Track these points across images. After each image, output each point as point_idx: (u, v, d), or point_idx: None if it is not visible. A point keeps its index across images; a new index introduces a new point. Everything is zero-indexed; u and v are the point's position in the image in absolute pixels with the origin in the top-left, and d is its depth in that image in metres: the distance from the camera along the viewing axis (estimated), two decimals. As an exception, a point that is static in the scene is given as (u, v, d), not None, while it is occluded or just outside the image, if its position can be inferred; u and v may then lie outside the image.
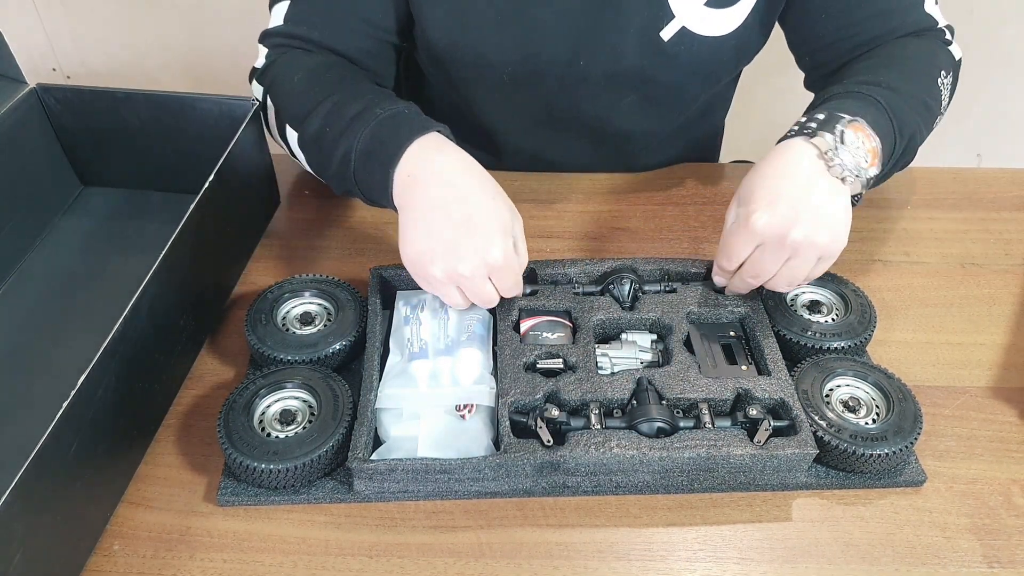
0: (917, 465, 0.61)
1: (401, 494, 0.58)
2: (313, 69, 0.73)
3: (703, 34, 0.77)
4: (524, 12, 0.76)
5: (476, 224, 0.61)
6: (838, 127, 0.63)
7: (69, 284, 0.76)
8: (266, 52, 0.77)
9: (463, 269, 0.60)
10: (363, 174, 0.66)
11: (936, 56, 0.75)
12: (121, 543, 0.56)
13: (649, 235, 0.82)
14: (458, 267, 0.60)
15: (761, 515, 0.59)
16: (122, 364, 0.55)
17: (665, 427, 0.58)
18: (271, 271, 0.77)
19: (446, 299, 0.64)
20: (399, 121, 0.65)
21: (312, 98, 0.69)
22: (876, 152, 0.64)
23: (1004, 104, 1.65)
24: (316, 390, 0.61)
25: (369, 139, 0.65)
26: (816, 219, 0.60)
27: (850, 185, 0.63)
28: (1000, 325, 0.74)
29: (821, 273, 0.64)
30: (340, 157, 0.66)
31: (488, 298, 0.63)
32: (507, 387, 0.61)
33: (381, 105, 0.66)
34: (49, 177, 0.83)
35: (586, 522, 0.58)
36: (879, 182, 0.69)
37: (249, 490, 0.58)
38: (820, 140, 0.63)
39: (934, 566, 0.56)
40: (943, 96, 0.74)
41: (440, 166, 0.63)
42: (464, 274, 0.61)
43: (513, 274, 0.63)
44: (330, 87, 0.70)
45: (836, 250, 0.62)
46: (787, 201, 0.61)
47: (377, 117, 0.65)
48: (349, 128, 0.66)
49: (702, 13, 0.75)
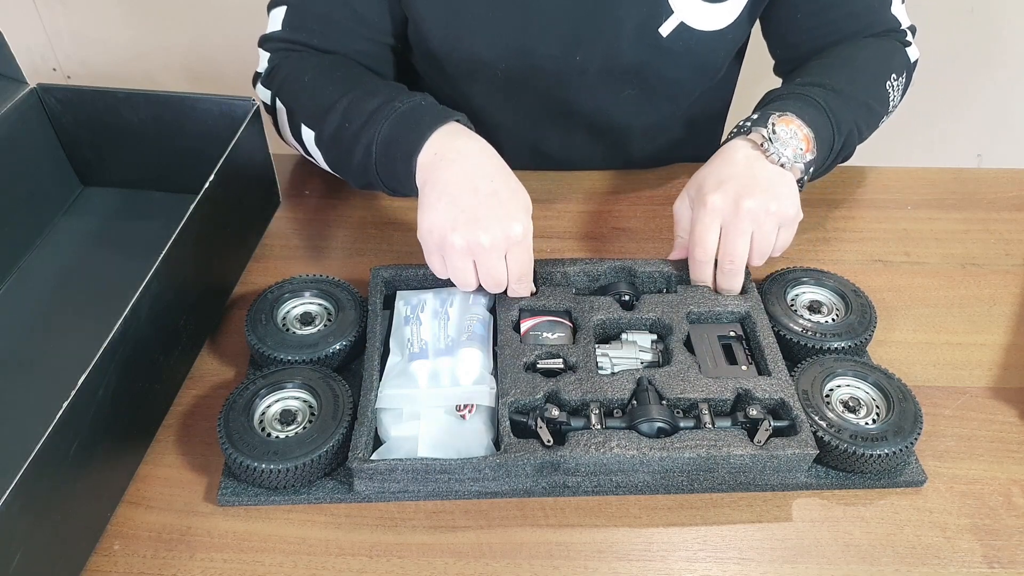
0: (917, 465, 0.61)
1: (401, 494, 0.58)
2: (323, 69, 0.75)
3: (701, 29, 0.78)
4: (518, 9, 0.76)
5: (502, 199, 0.63)
6: (769, 121, 0.69)
7: (69, 284, 0.76)
8: (268, 56, 0.79)
9: (484, 240, 0.61)
10: (385, 164, 0.68)
11: (891, 58, 0.81)
12: (121, 543, 0.56)
13: (649, 235, 0.82)
14: (480, 237, 0.61)
15: (761, 515, 0.59)
16: (122, 364, 0.55)
17: (665, 427, 0.58)
18: (271, 271, 0.77)
19: (457, 275, 0.64)
20: (420, 112, 0.68)
21: (328, 96, 0.71)
22: (809, 139, 0.70)
23: (1004, 104, 1.65)
24: (316, 390, 0.61)
25: (390, 131, 0.67)
26: (764, 190, 0.66)
27: (790, 169, 0.69)
28: (1000, 325, 0.74)
29: (788, 242, 0.69)
30: (362, 151, 0.69)
31: (499, 278, 0.64)
32: (507, 387, 0.61)
33: (399, 99, 0.69)
34: (49, 177, 0.83)
35: (586, 522, 0.58)
36: (820, 173, 0.76)
37: (249, 490, 0.58)
38: (754, 135, 0.70)
39: (934, 566, 0.56)
40: (891, 98, 0.80)
41: (464, 147, 0.66)
42: (484, 245, 0.61)
43: (527, 255, 0.65)
44: (345, 85, 0.72)
45: (790, 216, 0.67)
46: (734, 180, 0.67)
47: (397, 110, 0.68)
48: (369, 121, 0.68)
49: (700, 8, 0.76)
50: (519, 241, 0.63)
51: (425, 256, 0.65)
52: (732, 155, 0.69)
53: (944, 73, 1.63)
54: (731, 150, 0.70)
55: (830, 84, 0.75)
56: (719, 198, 0.66)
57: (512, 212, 0.63)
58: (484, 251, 0.62)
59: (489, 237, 0.61)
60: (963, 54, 1.61)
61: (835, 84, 0.75)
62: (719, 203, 0.66)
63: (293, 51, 0.78)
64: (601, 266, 0.71)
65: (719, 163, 0.70)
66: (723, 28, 0.78)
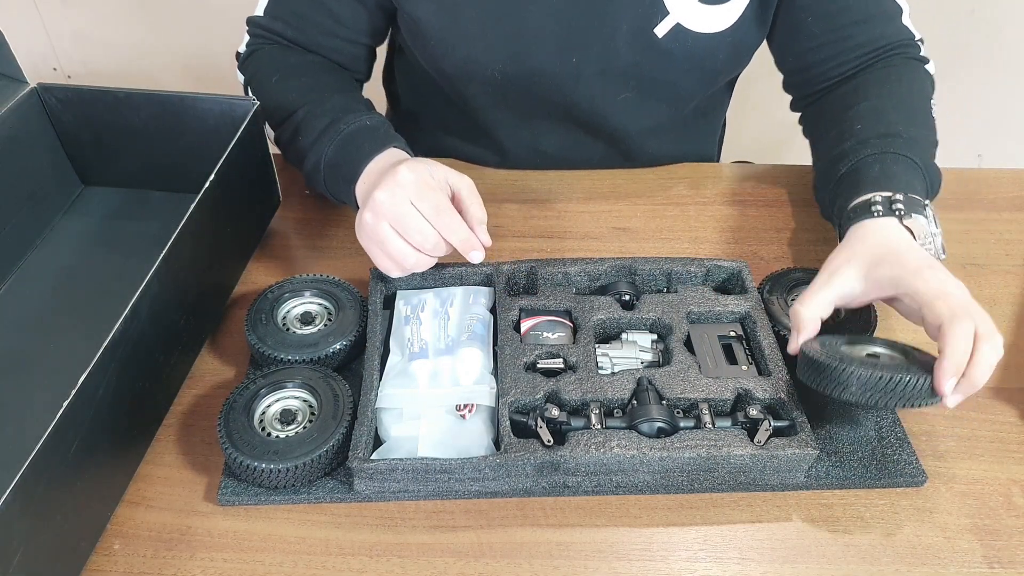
0: (918, 465, 0.61)
1: (401, 494, 0.58)
2: (288, 72, 0.79)
3: (698, 30, 0.77)
4: (512, 12, 0.76)
5: (396, 169, 0.64)
6: (928, 211, 0.66)
7: (69, 284, 0.76)
8: (247, 40, 0.83)
9: (380, 196, 0.63)
10: (332, 184, 0.73)
11: (924, 84, 0.79)
12: (121, 543, 0.56)
13: (649, 235, 0.82)
14: (376, 194, 0.63)
15: (761, 515, 0.59)
16: (122, 364, 0.55)
17: (665, 427, 0.58)
18: (271, 271, 0.77)
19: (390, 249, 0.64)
20: (361, 138, 0.71)
21: (288, 104, 0.76)
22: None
23: (1005, 104, 1.65)
24: (316, 390, 0.61)
25: (334, 154, 0.72)
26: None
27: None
28: (1001, 326, 0.73)
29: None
30: (312, 167, 0.73)
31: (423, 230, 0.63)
32: (507, 387, 0.61)
33: (345, 119, 0.72)
34: (49, 177, 0.83)
35: (586, 522, 0.58)
36: None
37: (249, 490, 0.58)
38: (913, 223, 0.65)
39: (934, 566, 0.56)
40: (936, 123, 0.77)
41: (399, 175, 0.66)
42: (382, 201, 0.63)
43: (435, 196, 0.64)
44: (303, 94, 0.76)
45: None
46: (948, 274, 0.60)
47: (341, 132, 0.72)
48: (318, 141, 0.72)
49: (696, 9, 0.76)
50: (412, 182, 0.63)
51: (371, 259, 0.67)
52: (915, 246, 0.63)
53: (944, 73, 1.63)
54: (908, 240, 0.64)
55: (905, 132, 0.71)
56: (962, 295, 0.58)
57: (400, 168, 0.64)
58: (385, 208, 0.63)
59: (384, 193, 0.63)
60: (963, 54, 1.61)
61: (905, 129, 0.72)
62: (968, 302, 0.58)
63: (269, 41, 0.82)
64: (601, 266, 0.71)
65: (912, 252, 0.62)
66: (722, 31, 0.78)
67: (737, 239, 0.82)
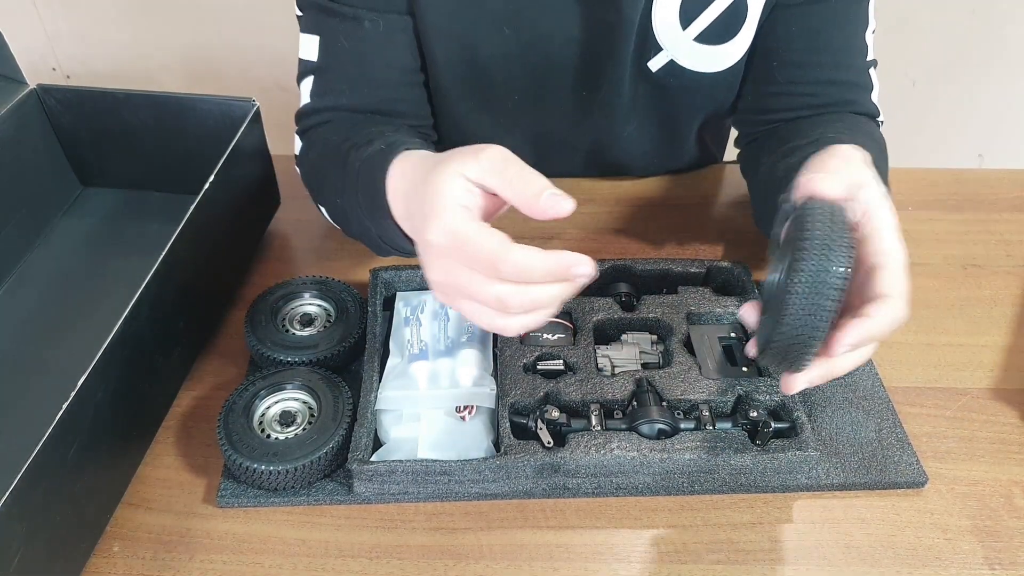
0: (918, 467, 0.61)
1: (401, 496, 0.58)
2: (325, 143, 0.70)
3: (694, 69, 0.75)
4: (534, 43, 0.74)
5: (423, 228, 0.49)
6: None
7: (69, 284, 0.76)
8: (298, 139, 0.76)
9: (431, 276, 0.50)
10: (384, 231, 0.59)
11: (880, 137, 0.73)
12: (121, 544, 0.56)
13: (649, 235, 0.82)
14: (427, 275, 0.50)
15: (762, 517, 0.58)
16: (122, 364, 0.55)
17: (666, 429, 0.58)
18: (271, 271, 0.77)
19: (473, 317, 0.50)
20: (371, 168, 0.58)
21: (325, 176, 0.68)
22: None
23: (1005, 104, 1.65)
24: (316, 391, 0.61)
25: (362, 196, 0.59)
26: None
27: None
28: (1001, 326, 0.73)
29: None
30: (359, 227, 0.64)
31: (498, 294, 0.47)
32: (507, 388, 0.61)
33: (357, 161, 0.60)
34: (49, 177, 0.83)
35: (587, 524, 0.58)
36: None
37: (249, 492, 0.58)
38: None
39: (935, 568, 0.56)
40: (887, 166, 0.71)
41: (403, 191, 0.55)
42: (436, 281, 0.50)
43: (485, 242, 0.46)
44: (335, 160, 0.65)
45: None
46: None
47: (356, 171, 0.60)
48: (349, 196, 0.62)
49: (691, 48, 0.73)
50: (445, 245, 0.47)
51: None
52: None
53: (945, 73, 1.63)
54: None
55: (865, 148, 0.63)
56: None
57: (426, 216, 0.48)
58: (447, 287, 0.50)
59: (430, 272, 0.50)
60: (964, 54, 1.61)
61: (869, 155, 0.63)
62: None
63: (321, 123, 0.73)
64: (601, 267, 0.71)
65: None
66: (721, 71, 0.74)
67: (737, 240, 0.82)
